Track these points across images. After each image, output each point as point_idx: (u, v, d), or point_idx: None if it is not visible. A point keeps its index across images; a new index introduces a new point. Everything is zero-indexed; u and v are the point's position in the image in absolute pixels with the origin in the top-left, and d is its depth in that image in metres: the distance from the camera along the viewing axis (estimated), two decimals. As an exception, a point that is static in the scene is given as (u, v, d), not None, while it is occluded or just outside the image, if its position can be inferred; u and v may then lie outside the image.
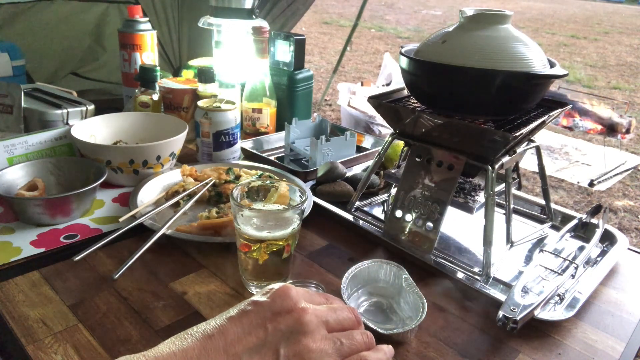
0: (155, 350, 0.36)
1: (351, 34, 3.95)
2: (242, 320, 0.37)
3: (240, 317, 0.37)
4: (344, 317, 0.40)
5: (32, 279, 0.66)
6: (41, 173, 0.85)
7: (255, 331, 0.36)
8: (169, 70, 1.82)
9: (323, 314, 0.38)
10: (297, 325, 0.36)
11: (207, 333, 0.36)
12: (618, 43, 8.28)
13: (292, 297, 0.38)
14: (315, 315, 0.37)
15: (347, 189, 0.90)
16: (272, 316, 0.37)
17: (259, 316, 0.37)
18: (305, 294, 0.39)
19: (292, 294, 0.38)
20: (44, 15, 1.52)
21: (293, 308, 0.37)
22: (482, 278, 0.69)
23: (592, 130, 3.00)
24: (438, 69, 0.69)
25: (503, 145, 0.67)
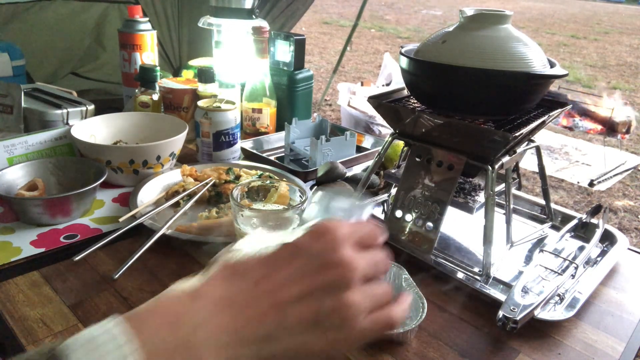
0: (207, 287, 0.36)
1: (351, 34, 3.95)
2: (290, 267, 0.36)
3: (290, 262, 0.36)
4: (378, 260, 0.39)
5: (32, 279, 0.66)
6: (41, 173, 0.85)
7: (302, 280, 0.35)
8: (169, 70, 1.82)
9: (364, 267, 0.37)
10: (342, 280, 0.36)
11: (256, 277, 0.36)
12: (618, 43, 8.28)
13: (340, 249, 0.36)
14: (358, 269, 0.36)
15: (347, 189, 0.90)
16: (319, 267, 0.36)
17: (306, 266, 0.36)
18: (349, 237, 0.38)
19: (340, 245, 0.37)
20: (44, 15, 1.52)
21: (340, 262, 0.36)
22: (482, 278, 0.69)
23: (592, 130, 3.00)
24: (438, 69, 0.69)
25: (503, 145, 0.67)
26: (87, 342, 0.31)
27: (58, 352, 0.30)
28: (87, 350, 0.30)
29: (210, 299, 0.35)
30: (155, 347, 0.32)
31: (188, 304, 0.34)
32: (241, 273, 0.36)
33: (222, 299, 0.34)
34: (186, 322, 0.33)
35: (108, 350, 0.30)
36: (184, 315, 0.34)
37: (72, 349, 0.30)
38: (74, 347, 0.31)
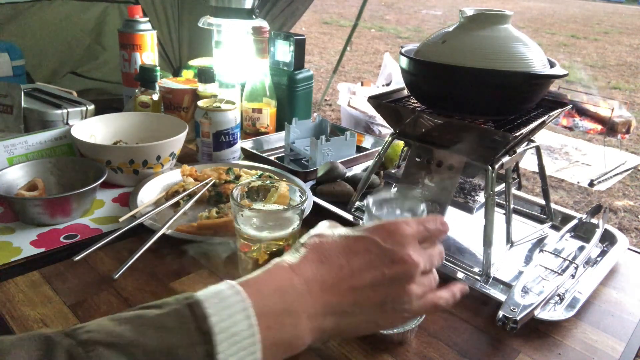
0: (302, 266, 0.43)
1: (351, 34, 3.95)
2: (366, 258, 0.44)
3: (365, 255, 0.44)
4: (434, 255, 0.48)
5: (32, 279, 0.66)
6: (41, 173, 0.85)
7: (374, 271, 0.43)
8: (169, 70, 1.82)
9: (423, 263, 0.46)
10: (405, 275, 0.44)
11: (339, 264, 0.43)
12: (618, 43, 8.28)
13: (405, 248, 0.45)
14: (419, 266, 0.45)
15: (347, 189, 0.90)
16: (389, 263, 0.44)
17: (379, 259, 0.44)
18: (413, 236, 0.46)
19: (407, 245, 0.45)
20: (44, 14, 1.52)
21: (405, 260, 0.44)
22: (482, 278, 0.69)
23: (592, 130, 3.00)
24: (438, 69, 0.69)
25: (503, 145, 0.67)
26: (215, 293, 0.38)
27: (194, 298, 0.37)
28: (218, 299, 0.37)
29: (305, 276, 0.42)
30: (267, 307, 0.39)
31: (292, 278, 0.42)
32: (327, 257, 0.44)
33: (314, 278, 0.42)
34: (290, 292, 0.41)
35: (234, 300, 0.37)
36: (289, 287, 0.41)
37: (205, 297, 0.37)
38: (205, 296, 0.37)
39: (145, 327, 0.35)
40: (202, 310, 0.36)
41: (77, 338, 0.34)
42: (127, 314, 0.37)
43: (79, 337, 0.34)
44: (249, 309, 0.37)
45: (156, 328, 0.35)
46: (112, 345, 0.33)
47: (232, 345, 0.35)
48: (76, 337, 0.34)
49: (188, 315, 0.36)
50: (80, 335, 0.34)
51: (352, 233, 0.46)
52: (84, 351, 0.33)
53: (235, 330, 0.36)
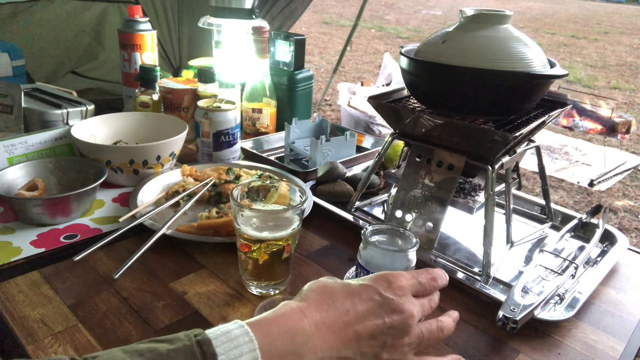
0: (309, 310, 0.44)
1: (351, 34, 3.95)
2: (369, 305, 0.45)
3: (368, 302, 0.45)
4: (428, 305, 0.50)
5: (32, 279, 0.66)
6: (41, 173, 0.85)
7: (376, 318, 0.45)
8: (169, 70, 1.82)
9: (419, 313, 0.48)
10: (404, 326, 0.46)
11: (345, 308, 0.45)
12: (618, 43, 8.28)
13: (403, 299, 0.46)
14: (415, 317, 0.47)
15: (347, 189, 0.90)
16: (390, 312, 0.45)
17: (380, 307, 0.45)
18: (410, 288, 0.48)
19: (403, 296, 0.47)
20: (44, 14, 1.52)
21: (406, 311, 0.46)
22: (482, 278, 0.69)
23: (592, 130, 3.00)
24: (438, 69, 0.69)
25: (503, 145, 0.67)
26: (224, 332, 0.39)
27: (203, 336, 0.38)
28: (226, 338, 0.38)
29: (313, 320, 0.43)
30: (275, 349, 0.40)
31: (302, 320, 0.43)
32: (334, 301, 0.45)
33: (322, 321, 0.43)
34: (300, 334, 0.42)
35: (242, 341, 0.38)
36: (298, 329, 0.42)
37: (214, 336, 0.38)
38: (214, 335, 0.38)
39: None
40: (211, 349, 0.37)
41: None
42: (140, 346, 0.37)
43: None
44: (256, 350, 0.38)
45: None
46: None
47: None
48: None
49: (198, 353, 0.36)
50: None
51: (354, 281, 0.48)
52: None
53: None
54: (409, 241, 0.57)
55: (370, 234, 0.58)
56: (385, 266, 0.55)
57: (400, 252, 0.56)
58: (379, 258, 0.56)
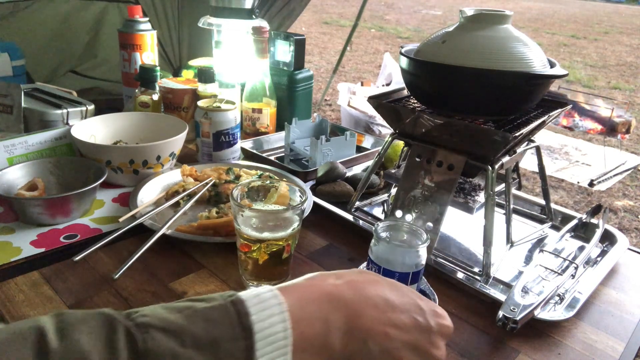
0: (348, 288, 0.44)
1: (351, 34, 3.94)
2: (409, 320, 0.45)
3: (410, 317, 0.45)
4: None
5: (32, 279, 0.66)
6: (41, 173, 0.85)
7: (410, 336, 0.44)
8: (169, 70, 1.82)
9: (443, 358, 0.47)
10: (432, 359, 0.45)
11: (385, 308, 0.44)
12: (618, 43, 8.28)
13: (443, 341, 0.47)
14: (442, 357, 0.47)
15: (347, 189, 0.90)
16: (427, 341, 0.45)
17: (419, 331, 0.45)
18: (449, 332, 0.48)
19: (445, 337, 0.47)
20: (43, 13, 1.52)
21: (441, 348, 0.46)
22: (482, 278, 0.69)
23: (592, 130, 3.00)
24: (438, 69, 0.69)
25: (503, 145, 0.67)
26: (255, 295, 0.40)
27: (237, 297, 0.39)
28: (257, 300, 0.39)
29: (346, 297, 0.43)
30: (304, 314, 0.40)
31: (333, 291, 0.43)
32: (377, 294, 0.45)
33: (357, 304, 0.43)
34: (328, 303, 0.42)
35: (272, 303, 0.39)
36: (326, 298, 0.42)
37: (246, 297, 0.39)
38: (246, 296, 0.40)
39: (194, 317, 0.38)
40: (244, 308, 0.39)
41: (134, 321, 0.37)
42: (177, 304, 0.39)
43: (136, 320, 0.37)
44: (285, 312, 0.39)
45: (204, 319, 0.38)
46: (165, 330, 0.36)
47: (268, 345, 0.38)
48: (134, 319, 0.37)
49: (232, 311, 0.38)
50: (136, 318, 0.37)
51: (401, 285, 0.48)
52: (140, 333, 0.36)
53: (271, 331, 0.38)
54: (420, 237, 0.58)
55: (382, 229, 0.59)
56: (397, 261, 0.56)
57: (411, 248, 0.57)
58: (390, 253, 0.57)
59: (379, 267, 0.57)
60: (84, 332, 0.35)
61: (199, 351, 0.36)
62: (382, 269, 0.57)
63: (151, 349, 0.35)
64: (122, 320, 0.36)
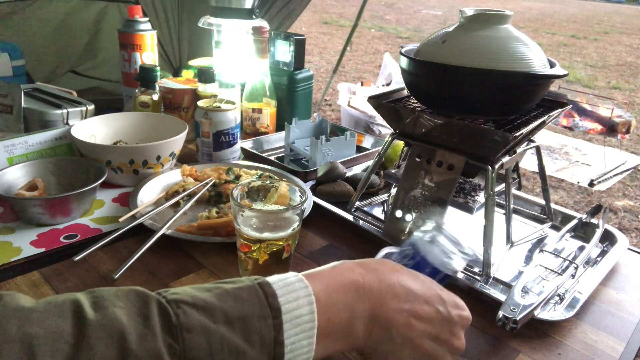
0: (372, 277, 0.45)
1: (351, 34, 3.94)
2: (431, 312, 0.46)
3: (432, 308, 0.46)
4: None
5: (32, 279, 0.66)
6: (41, 173, 0.85)
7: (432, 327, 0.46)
8: (169, 70, 1.82)
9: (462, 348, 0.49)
10: (453, 349, 0.47)
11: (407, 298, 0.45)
12: (618, 43, 8.28)
13: (463, 332, 0.48)
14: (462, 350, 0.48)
15: (347, 189, 0.90)
16: (448, 332, 0.47)
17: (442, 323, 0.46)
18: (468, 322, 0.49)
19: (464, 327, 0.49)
20: (43, 13, 1.52)
21: (460, 338, 0.48)
22: (482, 278, 0.69)
23: (592, 130, 3.00)
24: (438, 69, 0.69)
25: (503, 145, 0.67)
26: (281, 279, 0.41)
27: (263, 280, 0.41)
28: (284, 283, 0.41)
29: (370, 286, 0.44)
30: (330, 300, 0.41)
31: (359, 280, 0.44)
32: (400, 284, 0.46)
33: (380, 293, 0.44)
34: (354, 291, 0.43)
35: (298, 287, 0.40)
36: (354, 287, 0.43)
37: (272, 280, 0.41)
38: (272, 280, 0.41)
39: (224, 295, 0.39)
40: (272, 289, 0.40)
41: (166, 297, 0.38)
42: (206, 285, 0.41)
43: (168, 297, 0.38)
44: (311, 296, 0.40)
45: (234, 298, 0.39)
46: (196, 306, 0.37)
47: (295, 326, 0.39)
48: (165, 297, 0.38)
49: (260, 292, 0.39)
50: (168, 296, 0.38)
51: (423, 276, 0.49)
52: (172, 307, 0.37)
53: (298, 313, 0.39)
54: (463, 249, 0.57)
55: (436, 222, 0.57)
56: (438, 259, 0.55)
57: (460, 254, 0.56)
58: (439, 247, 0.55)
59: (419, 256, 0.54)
60: (118, 306, 0.36)
61: (229, 327, 0.37)
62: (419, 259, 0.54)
63: (184, 323, 0.36)
64: (155, 295, 0.38)
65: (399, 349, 0.45)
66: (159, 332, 0.35)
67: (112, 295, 0.37)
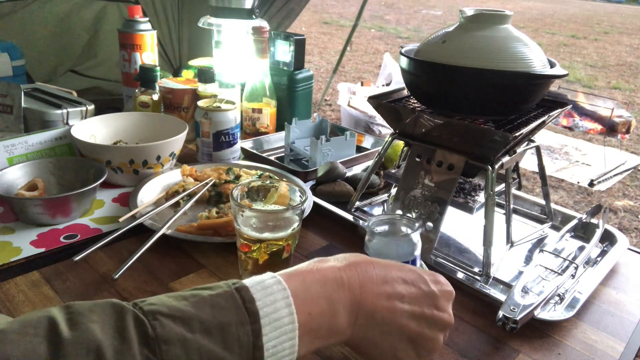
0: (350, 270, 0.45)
1: (351, 34, 3.95)
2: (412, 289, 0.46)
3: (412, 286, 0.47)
4: None
5: (32, 279, 0.66)
6: (41, 173, 0.85)
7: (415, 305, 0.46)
8: (169, 70, 1.82)
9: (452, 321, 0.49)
10: (443, 326, 0.48)
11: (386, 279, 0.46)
12: (618, 43, 8.28)
13: (449, 303, 0.49)
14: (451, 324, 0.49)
15: (347, 189, 0.90)
16: (432, 306, 0.47)
17: (423, 298, 0.47)
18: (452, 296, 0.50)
19: (449, 300, 0.49)
20: (42, 12, 1.52)
21: (446, 311, 0.48)
22: (482, 278, 0.69)
23: (592, 130, 3.00)
24: (438, 69, 0.69)
25: (503, 145, 0.67)
26: (258, 282, 0.41)
27: (240, 284, 0.40)
28: (260, 287, 0.40)
29: (348, 274, 0.45)
30: (309, 295, 0.42)
31: (335, 273, 0.45)
32: (377, 271, 0.46)
33: (358, 282, 0.45)
34: (332, 283, 0.44)
35: (276, 289, 0.40)
36: (331, 279, 0.44)
37: (250, 284, 0.41)
38: (249, 283, 0.41)
39: (201, 303, 0.39)
40: (249, 294, 0.39)
41: (142, 309, 0.37)
42: (183, 292, 0.40)
43: (144, 308, 0.37)
44: (289, 297, 0.40)
45: (211, 306, 0.38)
46: (173, 317, 0.37)
47: (275, 329, 0.39)
48: (141, 308, 0.37)
49: (237, 297, 0.39)
50: (144, 307, 0.38)
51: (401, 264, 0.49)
52: (149, 319, 0.36)
53: (277, 316, 0.39)
54: (412, 225, 0.59)
55: (374, 224, 0.59)
56: (394, 252, 0.57)
57: (405, 237, 0.57)
58: (384, 246, 0.57)
59: None
60: (94, 321, 0.35)
61: (207, 336, 0.37)
62: None
63: (161, 335, 0.36)
64: (130, 308, 0.37)
65: (386, 334, 0.45)
66: (136, 346, 0.35)
67: (88, 310, 0.36)
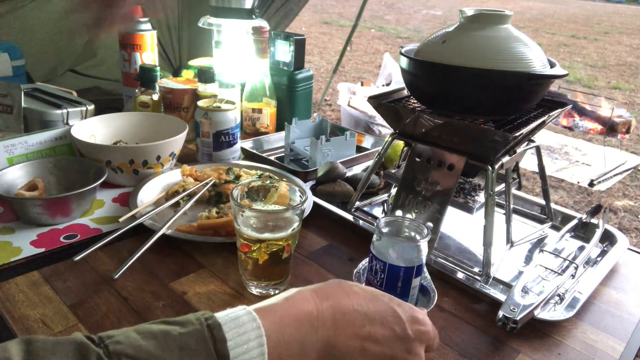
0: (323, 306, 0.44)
1: (351, 34, 3.94)
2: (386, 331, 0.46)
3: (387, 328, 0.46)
4: None
5: (32, 279, 0.66)
6: (41, 173, 0.85)
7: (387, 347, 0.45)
8: (169, 70, 1.82)
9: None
10: None
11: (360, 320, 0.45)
12: (618, 43, 8.27)
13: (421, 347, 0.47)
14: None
15: (347, 189, 0.90)
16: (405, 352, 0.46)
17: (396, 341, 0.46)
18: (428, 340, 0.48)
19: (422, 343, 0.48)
20: (42, 11, 1.52)
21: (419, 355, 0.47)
22: (482, 278, 0.69)
23: (592, 130, 3.00)
24: (438, 69, 0.69)
25: (503, 145, 0.67)
26: (233, 319, 0.40)
27: (214, 320, 0.39)
28: (235, 324, 0.39)
29: (324, 316, 0.44)
30: (282, 337, 0.41)
31: (312, 311, 0.44)
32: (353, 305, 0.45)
33: (332, 320, 0.44)
34: (307, 324, 0.43)
35: (250, 327, 0.39)
36: (304, 319, 0.43)
37: (224, 321, 0.39)
38: (224, 320, 0.39)
39: (170, 344, 0.37)
40: (221, 333, 0.38)
41: (107, 348, 0.36)
42: (153, 327, 0.39)
43: (109, 348, 0.36)
44: (262, 337, 0.39)
45: (179, 348, 0.37)
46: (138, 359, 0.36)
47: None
48: (106, 346, 0.36)
49: (209, 337, 0.38)
50: (109, 345, 0.36)
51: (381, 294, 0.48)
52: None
53: (247, 357, 0.38)
54: (421, 232, 0.59)
55: (384, 225, 0.59)
56: (399, 256, 0.57)
57: (412, 242, 0.58)
58: (392, 248, 0.57)
59: (384, 263, 0.58)
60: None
61: None
62: (387, 265, 0.57)
63: None
64: (94, 349, 0.35)
65: None
66: None
67: (48, 350, 0.34)
